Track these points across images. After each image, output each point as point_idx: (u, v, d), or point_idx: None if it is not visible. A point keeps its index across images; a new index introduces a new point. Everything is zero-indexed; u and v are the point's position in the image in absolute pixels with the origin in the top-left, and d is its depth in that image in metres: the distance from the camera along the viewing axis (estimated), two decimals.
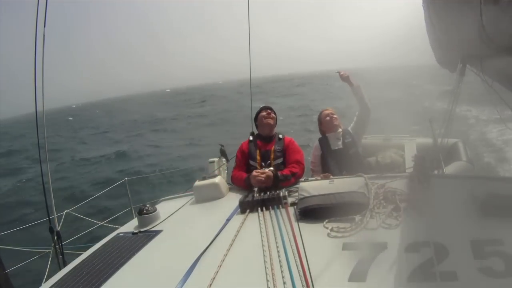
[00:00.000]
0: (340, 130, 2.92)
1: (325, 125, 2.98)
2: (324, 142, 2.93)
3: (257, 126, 2.83)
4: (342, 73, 2.90)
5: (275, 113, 2.80)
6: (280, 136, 2.72)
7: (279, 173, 2.34)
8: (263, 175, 2.27)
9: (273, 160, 2.57)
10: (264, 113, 2.74)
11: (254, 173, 2.33)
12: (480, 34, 1.22)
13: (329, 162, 2.81)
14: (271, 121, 2.72)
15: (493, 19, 1.08)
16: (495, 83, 1.82)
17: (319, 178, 2.43)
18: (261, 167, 2.51)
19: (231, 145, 3.19)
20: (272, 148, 2.63)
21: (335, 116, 2.95)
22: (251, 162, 2.60)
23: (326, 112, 3.00)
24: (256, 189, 2.20)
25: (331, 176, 2.32)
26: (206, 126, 19.80)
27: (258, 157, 2.59)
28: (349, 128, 2.96)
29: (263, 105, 2.88)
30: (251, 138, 2.75)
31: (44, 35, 2.28)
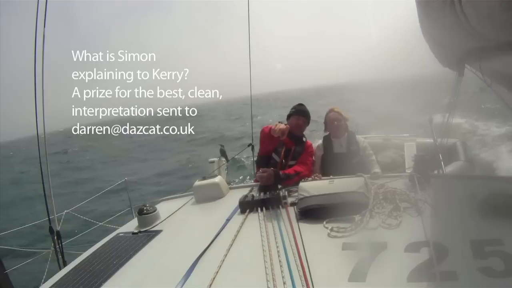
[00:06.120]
0: (346, 135, 2.80)
1: (330, 129, 2.86)
2: (327, 142, 2.84)
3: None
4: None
5: (307, 117, 2.79)
6: (304, 139, 2.75)
7: (280, 172, 2.37)
8: (265, 174, 2.31)
9: (290, 160, 2.60)
10: (295, 119, 2.74)
11: (258, 173, 2.38)
12: (467, 31, 1.20)
13: (330, 166, 2.72)
14: (301, 126, 2.74)
15: (477, 15, 1.05)
16: (494, 83, 1.82)
17: (317, 178, 2.41)
18: (281, 164, 2.56)
19: None
20: (293, 149, 2.64)
21: (342, 122, 2.80)
22: (274, 155, 2.62)
23: (334, 115, 2.82)
24: (256, 188, 2.20)
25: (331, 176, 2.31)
26: None
27: (282, 154, 2.61)
28: (357, 136, 2.85)
29: (299, 106, 2.85)
30: None
31: (44, 36, 2.28)
